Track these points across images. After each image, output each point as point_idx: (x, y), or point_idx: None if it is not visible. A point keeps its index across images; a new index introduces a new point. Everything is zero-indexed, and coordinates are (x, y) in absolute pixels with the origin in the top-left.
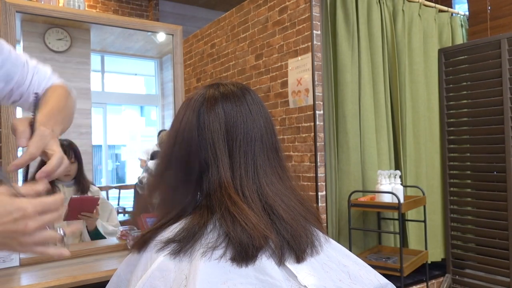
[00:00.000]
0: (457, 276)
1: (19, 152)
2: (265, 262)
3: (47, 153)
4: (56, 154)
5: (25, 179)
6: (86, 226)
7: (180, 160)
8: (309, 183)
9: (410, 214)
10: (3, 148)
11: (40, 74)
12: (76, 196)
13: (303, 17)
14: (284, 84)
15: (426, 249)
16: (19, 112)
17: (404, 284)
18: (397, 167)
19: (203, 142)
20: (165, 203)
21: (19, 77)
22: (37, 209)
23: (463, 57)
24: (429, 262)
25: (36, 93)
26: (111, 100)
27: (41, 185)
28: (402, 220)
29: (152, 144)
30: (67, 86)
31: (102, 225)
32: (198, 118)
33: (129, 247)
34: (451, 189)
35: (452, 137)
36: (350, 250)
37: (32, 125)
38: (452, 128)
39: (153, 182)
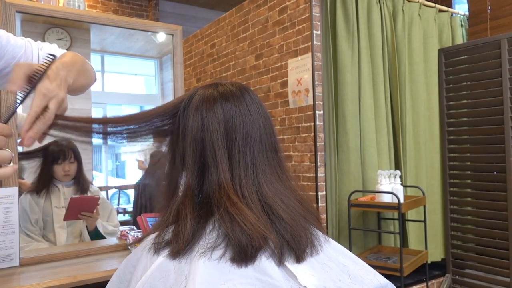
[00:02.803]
0: (457, 276)
1: (19, 151)
2: (265, 262)
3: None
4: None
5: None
6: (86, 226)
7: (183, 160)
8: (309, 183)
9: (410, 214)
10: None
11: (46, 49)
12: (76, 195)
13: (303, 17)
14: (284, 84)
15: (426, 249)
16: (19, 110)
17: (404, 284)
18: (397, 167)
19: (202, 143)
20: (165, 203)
21: (24, 56)
22: None
23: (463, 57)
24: (429, 262)
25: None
26: (111, 100)
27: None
28: (402, 220)
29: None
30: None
31: (102, 225)
32: (200, 119)
33: (129, 247)
34: (451, 189)
35: (452, 137)
36: (350, 250)
37: (32, 79)
38: (452, 128)
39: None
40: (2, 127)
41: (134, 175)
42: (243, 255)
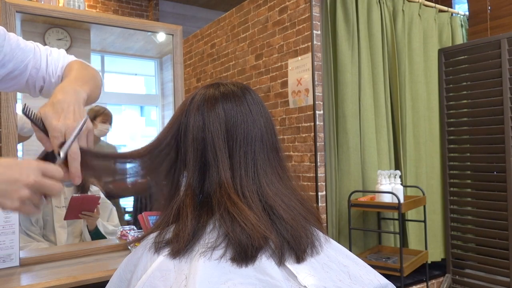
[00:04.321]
0: (457, 276)
1: (19, 153)
2: (265, 262)
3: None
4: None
5: None
6: (87, 226)
7: (184, 159)
8: (309, 183)
9: (410, 214)
10: (3, 148)
11: (54, 55)
12: (77, 195)
13: (303, 17)
14: (284, 84)
15: (426, 249)
16: (19, 111)
17: (404, 284)
18: (397, 167)
19: (203, 142)
20: (166, 203)
21: (33, 61)
22: (36, 182)
23: (463, 57)
24: (429, 262)
25: (24, 104)
26: (111, 100)
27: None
28: (402, 220)
29: None
30: (85, 62)
31: (102, 224)
32: (201, 118)
33: (129, 247)
34: (451, 189)
35: (452, 137)
36: (350, 250)
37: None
38: (452, 128)
39: (157, 181)
40: (55, 170)
41: None
42: (244, 255)
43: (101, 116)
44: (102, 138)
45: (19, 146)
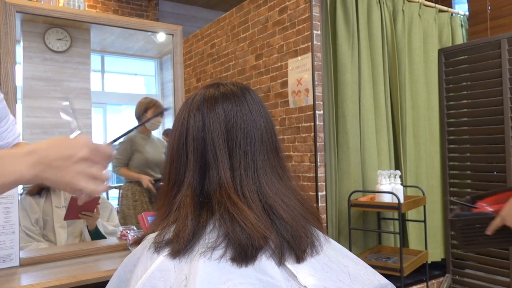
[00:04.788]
0: (457, 276)
1: None
2: (265, 262)
3: None
4: None
5: None
6: (87, 226)
7: (184, 160)
8: (309, 183)
9: (410, 214)
10: None
11: (14, 129)
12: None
13: (303, 17)
14: (284, 84)
15: (426, 249)
16: (19, 112)
17: (404, 284)
18: (397, 167)
19: (203, 142)
20: (166, 203)
21: (3, 121)
22: (89, 157)
23: (463, 57)
24: (429, 262)
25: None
26: (111, 100)
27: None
28: (402, 220)
29: None
30: None
31: (102, 224)
32: (201, 118)
33: (129, 247)
34: (451, 189)
35: (452, 137)
36: (350, 250)
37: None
38: (452, 128)
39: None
40: (106, 148)
41: None
42: (244, 255)
43: (153, 109)
44: (153, 132)
45: None
